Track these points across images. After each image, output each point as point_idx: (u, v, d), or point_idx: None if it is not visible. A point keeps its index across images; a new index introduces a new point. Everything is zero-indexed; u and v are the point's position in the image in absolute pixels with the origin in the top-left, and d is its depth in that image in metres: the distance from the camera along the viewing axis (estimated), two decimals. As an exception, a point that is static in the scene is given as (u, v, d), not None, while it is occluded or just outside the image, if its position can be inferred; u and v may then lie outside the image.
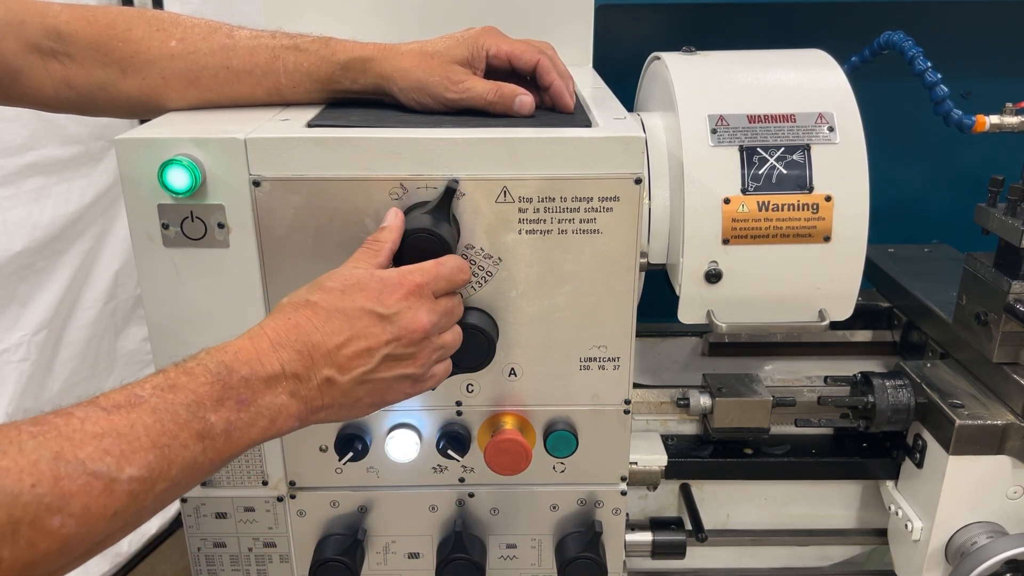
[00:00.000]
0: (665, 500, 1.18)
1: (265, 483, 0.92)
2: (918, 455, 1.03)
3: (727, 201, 0.91)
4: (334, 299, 0.67)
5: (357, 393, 0.68)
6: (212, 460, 0.59)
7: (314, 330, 0.65)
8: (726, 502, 1.18)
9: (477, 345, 0.81)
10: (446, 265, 0.73)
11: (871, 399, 1.04)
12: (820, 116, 0.93)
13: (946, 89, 1.03)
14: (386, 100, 0.88)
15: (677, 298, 0.96)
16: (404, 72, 0.84)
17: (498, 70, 0.87)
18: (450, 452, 0.88)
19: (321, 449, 0.90)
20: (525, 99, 0.85)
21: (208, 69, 0.85)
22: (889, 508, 1.09)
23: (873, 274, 1.28)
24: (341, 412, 0.68)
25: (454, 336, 0.75)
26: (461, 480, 0.93)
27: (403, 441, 0.89)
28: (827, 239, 0.92)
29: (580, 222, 0.80)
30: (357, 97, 0.88)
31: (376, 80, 0.86)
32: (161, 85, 0.85)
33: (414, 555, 0.96)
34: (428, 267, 0.72)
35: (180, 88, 0.86)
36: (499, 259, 0.82)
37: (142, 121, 0.86)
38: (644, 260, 0.97)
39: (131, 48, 0.84)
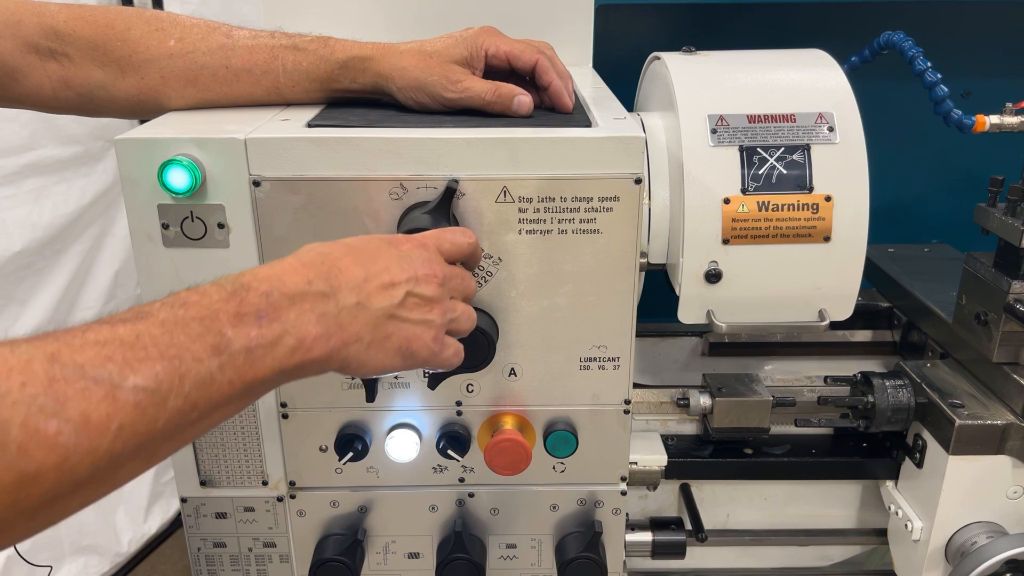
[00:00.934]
0: (665, 500, 1.18)
1: (265, 483, 0.92)
2: (918, 455, 1.03)
3: (727, 201, 0.91)
4: (352, 242, 0.66)
5: (386, 329, 0.63)
6: (232, 381, 0.52)
7: (339, 258, 0.63)
8: (726, 502, 1.18)
9: (477, 345, 0.81)
10: (448, 230, 0.74)
11: (871, 399, 1.04)
12: (820, 116, 0.93)
13: (946, 89, 1.03)
14: (385, 100, 0.88)
15: (677, 298, 0.96)
16: (403, 71, 0.84)
17: (497, 70, 0.87)
18: (450, 452, 0.88)
19: (321, 449, 0.90)
20: (524, 99, 0.85)
21: (207, 68, 0.85)
22: (889, 508, 1.09)
23: (873, 274, 1.28)
24: (370, 351, 0.63)
25: (467, 310, 0.72)
26: (461, 480, 0.93)
27: (403, 441, 0.89)
28: (827, 239, 0.92)
29: (580, 222, 0.80)
30: (356, 96, 0.88)
31: (375, 79, 0.85)
32: (159, 84, 0.85)
33: (414, 555, 0.96)
34: (432, 231, 0.73)
35: (179, 87, 0.85)
36: (499, 259, 0.82)
37: (142, 121, 0.86)
38: (644, 260, 0.97)
39: (129, 48, 0.84)
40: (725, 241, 0.92)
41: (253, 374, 0.54)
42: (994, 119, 1.01)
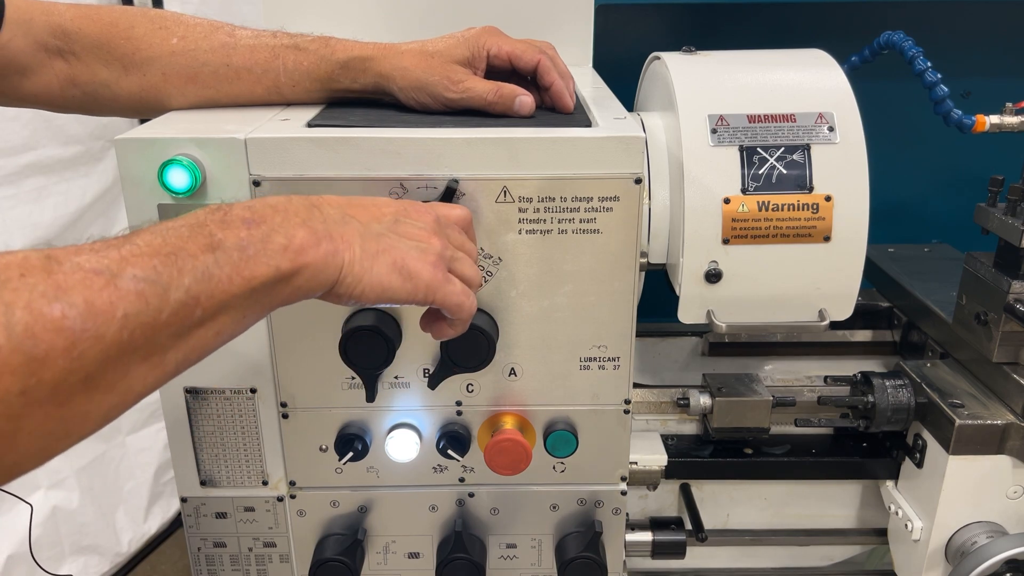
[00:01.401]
0: (665, 500, 1.18)
1: (265, 483, 0.92)
2: (918, 455, 1.03)
3: (727, 201, 0.91)
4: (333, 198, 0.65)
5: (377, 244, 0.62)
6: (231, 277, 0.52)
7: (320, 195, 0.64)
8: (726, 502, 1.18)
9: (477, 345, 0.81)
10: (445, 204, 0.74)
11: (871, 399, 1.04)
12: (820, 116, 0.93)
13: (946, 89, 1.03)
14: (386, 100, 0.88)
15: (677, 298, 0.96)
16: (404, 71, 0.84)
17: (499, 70, 0.87)
18: (450, 452, 0.88)
19: (321, 449, 0.90)
20: (525, 99, 0.85)
21: (208, 66, 0.85)
22: (889, 508, 1.10)
23: (873, 274, 1.28)
24: (364, 263, 0.61)
25: (469, 261, 0.70)
26: (461, 480, 0.93)
27: (403, 441, 0.89)
28: (827, 239, 0.92)
29: (580, 222, 0.80)
30: (357, 96, 0.88)
31: (376, 79, 0.86)
32: (161, 82, 0.86)
33: (414, 555, 0.96)
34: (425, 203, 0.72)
35: (180, 85, 0.86)
36: (499, 259, 0.82)
37: (142, 121, 0.86)
38: (644, 260, 0.97)
39: (132, 46, 0.85)
40: (725, 241, 0.92)
41: (250, 271, 0.54)
42: (994, 119, 1.01)
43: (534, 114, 0.86)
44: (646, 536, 1.08)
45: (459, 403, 0.89)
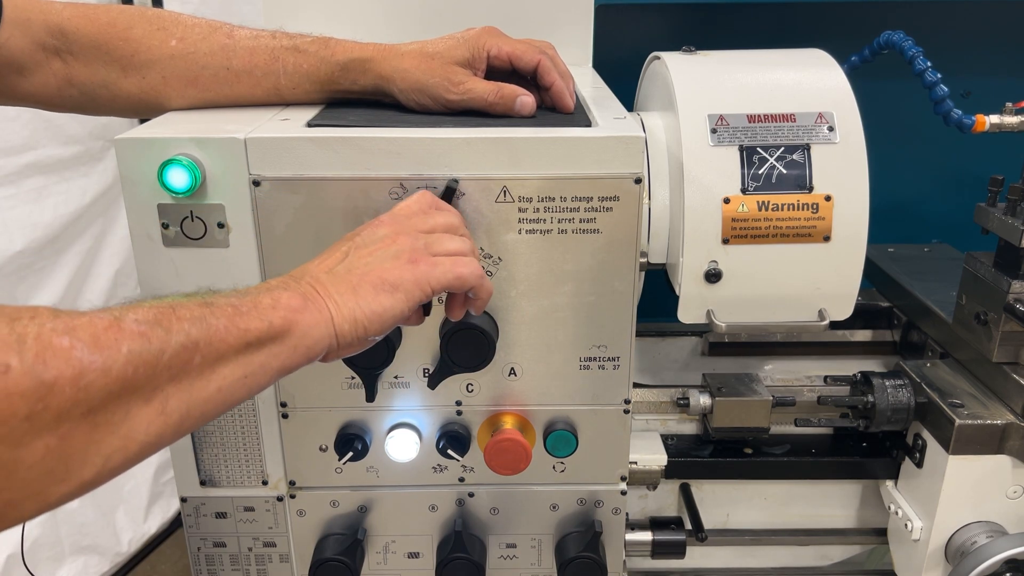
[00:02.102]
0: (665, 500, 1.18)
1: (265, 483, 0.92)
2: (918, 455, 1.03)
3: (727, 201, 0.91)
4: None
5: (349, 279, 0.64)
6: (227, 327, 0.55)
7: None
8: (726, 502, 1.18)
9: (477, 345, 0.81)
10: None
11: (871, 399, 1.04)
12: (820, 116, 0.93)
13: (946, 89, 1.03)
14: (386, 101, 0.88)
15: (677, 298, 0.96)
16: (404, 73, 0.84)
17: (499, 70, 0.87)
18: (450, 452, 0.88)
19: (321, 449, 0.90)
20: (526, 100, 0.85)
21: (208, 69, 0.85)
22: (889, 508, 1.10)
23: (873, 274, 1.28)
24: (348, 301, 0.62)
25: (452, 238, 0.70)
26: (461, 480, 0.93)
27: (403, 441, 0.89)
28: (827, 239, 0.92)
29: (580, 222, 0.80)
30: (357, 97, 0.88)
31: (376, 81, 0.86)
32: (161, 84, 0.85)
33: (414, 555, 0.96)
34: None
35: (179, 87, 0.86)
36: (499, 259, 0.82)
37: (142, 121, 0.86)
38: (644, 260, 0.97)
39: (131, 47, 0.84)
40: (725, 241, 0.92)
41: (245, 323, 0.56)
42: (994, 119, 1.01)
43: (534, 114, 0.86)
44: (646, 536, 1.08)
45: (459, 403, 0.89)
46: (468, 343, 0.81)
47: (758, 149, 0.92)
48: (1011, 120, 1.00)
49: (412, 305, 0.65)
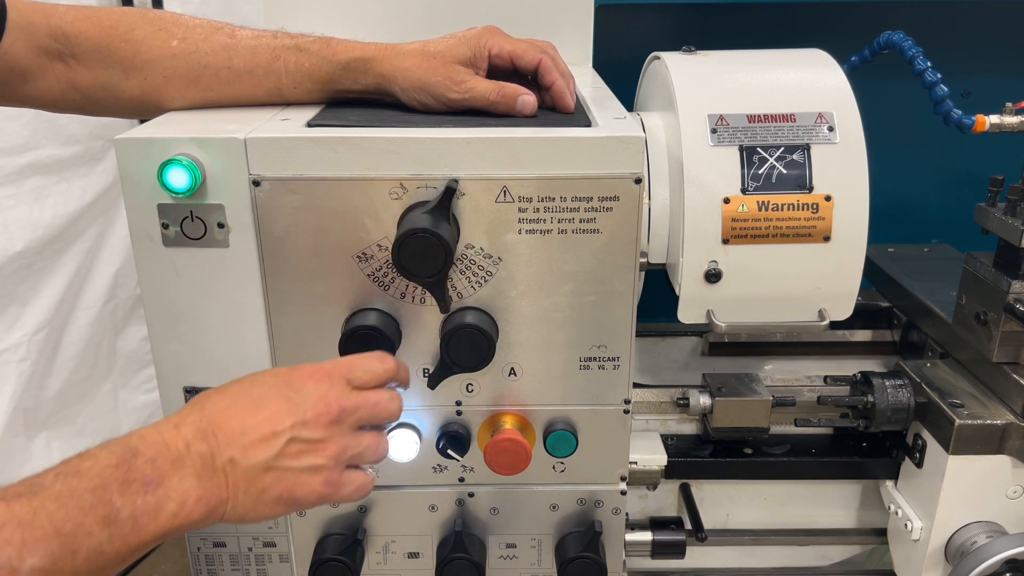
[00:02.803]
0: (665, 500, 1.18)
1: (265, 483, 0.92)
2: (918, 455, 1.03)
3: (727, 201, 0.91)
4: (243, 384, 0.69)
5: (263, 482, 0.66)
6: (119, 550, 0.58)
7: (219, 412, 0.66)
8: (726, 502, 1.18)
9: (477, 345, 0.81)
10: (366, 357, 0.74)
11: (871, 399, 1.04)
12: (820, 116, 0.93)
13: (946, 89, 1.03)
14: (387, 100, 0.88)
15: (677, 298, 0.96)
16: (406, 72, 0.84)
17: (500, 69, 0.87)
18: (450, 452, 0.88)
19: (321, 449, 0.90)
20: (528, 99, 0.85)
21: (209, 69, 0.85)
22: (889, 508, 1.10)
23: (873, 274, 1.28)
24: (247, 504, 0.66)
25: (376, 441, 0.72)
26: (461, 480, 0.93)
27: (403, 441, 0.89)
28: (827, 239, 0.92)
29: (580, 222, 0.80)
30: (358, 96, 0.88)
31: (377, 80, 0.86)
32: (163, 85, 0.86)
33: (414, 555, 0.96)
34: (344, 359, 0.73)
35: (181, 87, 0.86)
36: (499, 259, 0.82)
37: (142, 121, 0.86)
38: (644, 260, 0.97)
39: (133, 48, 0.85)
40: (725, 241, 0.92)
41: (137, 539, 0.59)
42: (994, 119, 1.01)
43: (536, 114, 0.86)
44: (646, 536, 1.08)
45: (459, 403, 0.89)
46: (468, 343, 0.81)
47: (758, 149, 0.92)
48: (1011, 120, 1.00)
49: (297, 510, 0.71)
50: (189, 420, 0.65)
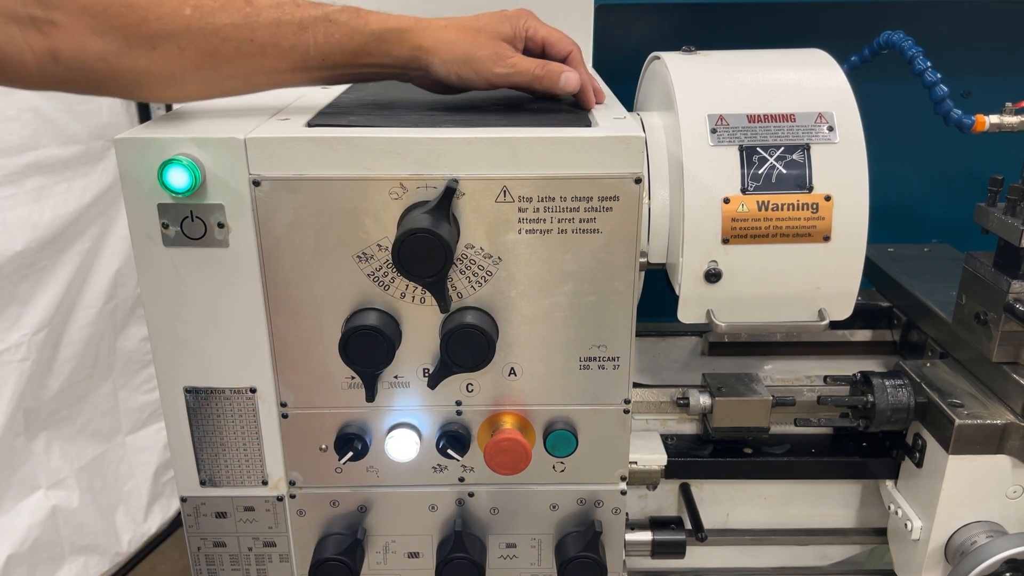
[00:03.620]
0: (665, 500, 1.18)
1: (265, 483, 0.92)
2: (918, 454, 1.03)
3: (727, 201, 0.91)
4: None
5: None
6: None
7: None
8: (726, 502, 1.18)
9: (477, 345, 0.81)
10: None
11: (871, 399, 1.04)
12: (820, 116, 0.93)
13: (946, 89, 1.03)
14: (412, 75, 0.85)
15: (677, 298, 0.96)
16: (450, 44, 0.82)
17: (529, 53, 0.88)
18: (450, 452, 0.88)
19: (321, 449, 0.90)
20: (570, 75, 0.85)
21: (230, 41, 0.78)
22: (889, 507, 1.10)
23: (873, 274, 1.28)
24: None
25: None
26: (461, 480, 0.93)
27: (403, 440, 0.89)
28: (827, 239, 0.92)
29: (580, 222, 0.80)
30: (385, 72, 0.85)
31: (413, 52, 0.82)
32: (176, 55, 0.77)
33: (414, 555, 0.96)
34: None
35: (196, 61, 0.77)
36: (499, 259, 0.82)
37: (142, 119, 0.85)
38: (644, 260, 0.97)
39: (137, 15, 0.75)
40: (725, 241, 0.92)
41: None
42: (994, 119, 1.01)
43: (537, 107, 0.86)
44: (646, 536, 1.08)
45: (459, 403, 0.89)
46: (468, 343, 0.81)
47: (758, 149, 0.92)
48: (1011, 120, 1.00)
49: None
50: None
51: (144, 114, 1.81)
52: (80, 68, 0.75)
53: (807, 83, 0.97)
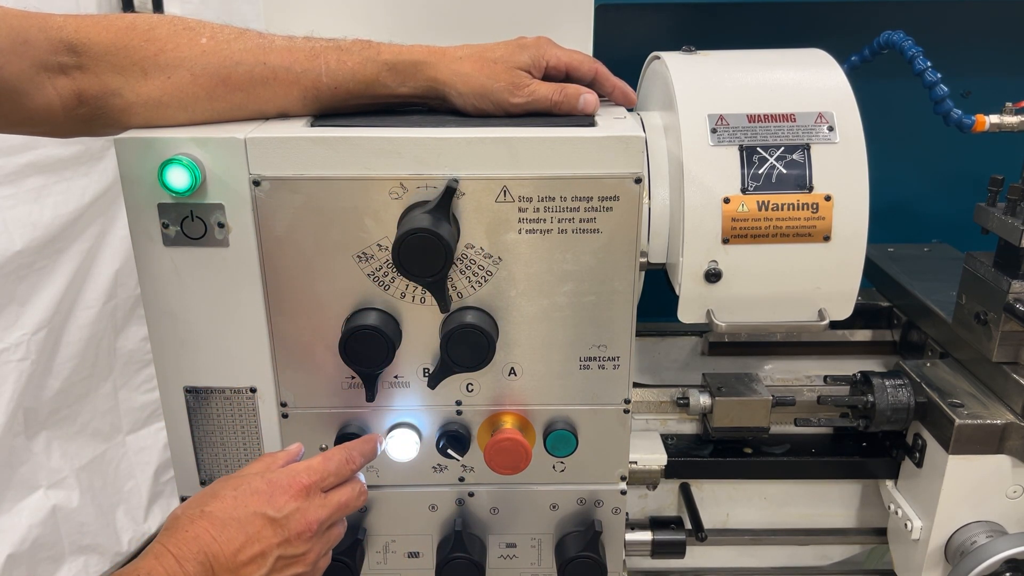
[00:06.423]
0: (665, 499, 1.18)
1: (265, 482, 0.92)
2: (918, 454, 1.03)
3: (727, 200, 0.91)
4: (227, 507, 0.72)
5: None
6: None
7: (212, 541, 0.70)
8: (726, 501, 1.18)
9: (477, 345, 0.81)
10: (332, 460, 0.78)
11: (871, 398, 1.04)
12: (820, 116, 0.93)
13: (946, 89, 1.03)
14: (431, 104, 0.87)
15: (677, 298, 0.96)
16: (466, 77, 0.83)
17: (550, 79, 0.88)
18: (450, 451, 0.88)
19: (321, 449, 0.90)
20: (589, 97, 0.86)
21: (242, 66, 0.80)
22: (889, 507, 1.10)
23: (873, 274, 1.28)
24: None
25: (340, 530, 0.80)
26: (461, 479, 0.93)
27: (403, 440, 0.89)
28: (827, 239, 0.92)
29: (580, 221, 0.81)
30: (398, 102, 0.86)
31: (429, 84, 0.84)
32: (189, 83, 0.79)
33: (414, 554, 0.97)
34: (315, 465, 0.77)
35: (209, 87, 0.80)
36: (499, 258, 0.82)
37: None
38: (644, 260, 0.97)
39: (155, 47, 0.79)
40: (725, 241, 0.92)
41: None
42: (994, 119, 1.00)
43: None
44: (646, 535, 1.08)
45: (459, 403, 0.89)
46: (468, 343, 0.81)
47: (758, 149, 0.92)
48: (1011, 120, 1.00)
49: None
50: (188, 552, 0.69)
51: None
52: (101, 106, 0.80)
53: (807, 83, 0.97)
